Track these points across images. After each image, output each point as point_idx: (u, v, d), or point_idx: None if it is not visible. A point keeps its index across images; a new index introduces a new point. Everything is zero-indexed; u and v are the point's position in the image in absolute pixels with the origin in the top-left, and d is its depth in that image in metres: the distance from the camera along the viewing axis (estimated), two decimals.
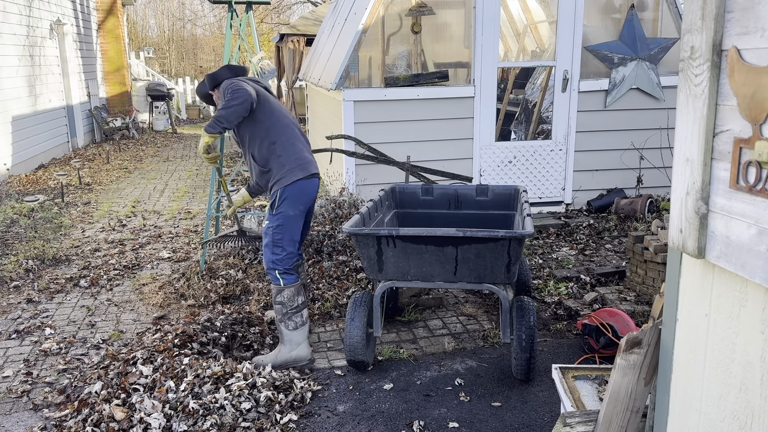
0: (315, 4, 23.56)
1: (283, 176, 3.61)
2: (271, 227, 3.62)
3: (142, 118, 16.22)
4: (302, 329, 3.68)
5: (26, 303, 4.78)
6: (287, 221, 3.61)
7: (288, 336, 3.65)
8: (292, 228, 3.63)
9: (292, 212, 3.62)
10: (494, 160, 6.52)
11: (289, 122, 3.75)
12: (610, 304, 4.39)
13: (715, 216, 1.55)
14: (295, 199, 3.61)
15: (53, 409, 3.32)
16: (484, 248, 3.25)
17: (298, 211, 3.64)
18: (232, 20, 4.91)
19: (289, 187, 3.59)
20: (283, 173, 3.61)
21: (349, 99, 6.12)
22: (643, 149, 6.70)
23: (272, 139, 3.64)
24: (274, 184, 3.64)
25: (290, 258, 3.65)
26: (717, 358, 1.61)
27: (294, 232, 3.65)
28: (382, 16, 6.44)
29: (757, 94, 1.38)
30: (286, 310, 3.63)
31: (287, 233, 3.62)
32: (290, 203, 3.60)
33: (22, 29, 10.33)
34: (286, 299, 3.63)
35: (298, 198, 3.62)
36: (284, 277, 3.64)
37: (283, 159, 3.62)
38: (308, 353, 3.71)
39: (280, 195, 3.60)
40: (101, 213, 7.56)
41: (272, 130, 3.65)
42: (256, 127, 3.64)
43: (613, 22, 6.63)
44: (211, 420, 2.99)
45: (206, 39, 30.65)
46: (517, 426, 3.12)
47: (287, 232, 3.62)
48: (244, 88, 3.51)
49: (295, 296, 3.65)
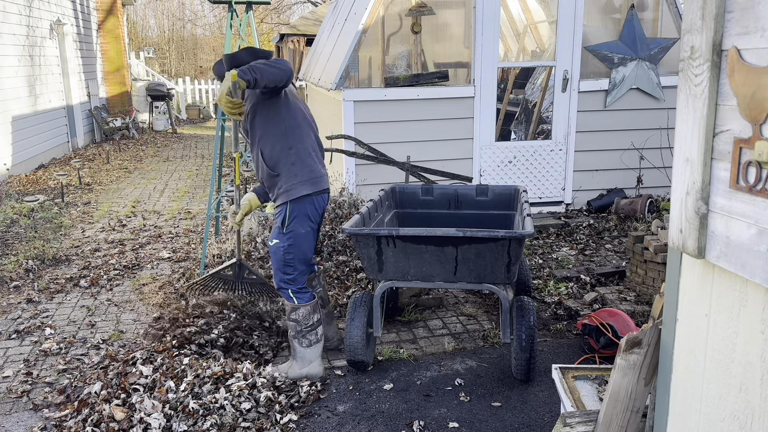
0: (315, 4, 23.56)
1: (291, 188, 3.37)
2: (281, 247, 3.40)
3: (142, 118, 16.22)
4: (316, 346, 3.51)
5: (26, 303, 4.78)
6: (298, 240, 3.40)
7: (301, 353, 3.49)
8: (303, 247, 3.43)
9: (303, 230, 3.40)
10: (494, 160, 6.52)
11: (309, 130, 3.48)
12: (610, 304, 4.39)
13: (715, 216, 1.55)
14: (305, 217, 3.40)
15: (53, 409, 3.32)
16: (484, 248, 3.25)
17: (309, 228, 3.43)
18: (232, 20, 4.91)
19: (299, 204, 3.37)
20: (292, 184, 3.37)
21: (349, 99, 6.12)
22: (643, 149, 6.70)
23: (289, 143, 3.36)
24: (281, 193, 3.41)
25: (302, 276, 3.47)
26: (717, 358, 1.61)
27: (305, 251, 3.45)
28: (382, 16, 6.44)
29: (757, 94, 1.38)
30: (300, 328, 3.46)
31: (299, 252, 3.41)
32: (300, 221, 3.39)
33: (22, 29, 10.33)
34: (300, 317, 3.46)
35: (308, 215, 3.41)
36: (298, 296, 3.46)
37: (295, 169, 3.37)
38: (320, 371, 3.53)
39: (289, 213, 3.37)
40: (101, 213, 7.56)
41: (291, 134, 3.37)
42: (274, 123, 3.35)
43: (613, 22, 6.63)
44: (211, 420, 2.99)
45: (206, 39, 30.66)
46: (517, 426, 3.12)
47: (299, 252, 3.41)
48: (288, 63, 3.22)
49: (311, 314, 3.47)
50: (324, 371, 3.59)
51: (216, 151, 5.02)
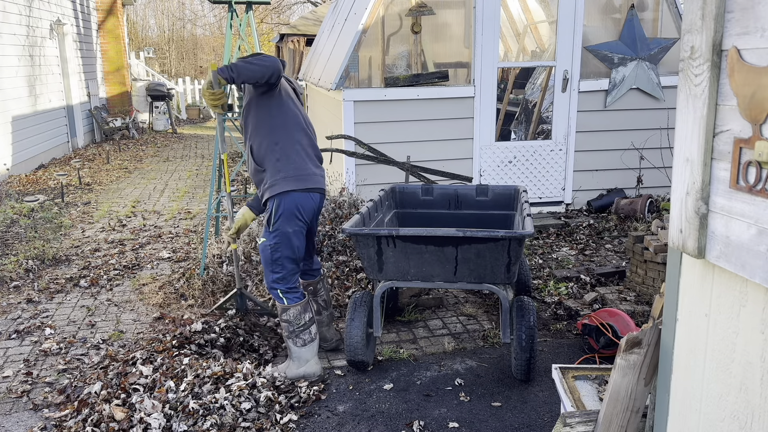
0: (315, 4, 23.56)
1: (275, 183, 3.35)
2: (268, 245, 3.38)
3: (142, 118, 16.22)
4: (311, 346, 3.49)
5: (26, 303, 4.78)
6: (285, 239, 3.37)
7: (297, 353, 3.48)
8: (290, 245, 3.39)
9: (290, 229, 3.37)
10: (494, 160, 6.52)
11: (300, 129, 3.45)
12: (610, 304, 4.39)
13: (715, 216, 1.55)
14: (292, 215, 3.36)
15: (53, 409, 3.32)
16: (484, 248, 3.25)
17: (297, 227, 3.39)
18: (232, 20, 4.91)
19: (283, 199, 3.34)
20: (275, 180, 3.35)
21: (349, 99, 6.12)
22: (643, 149, 6.70)
23: (276, 139, 3.37)
24: (266, 189, 3.40)
25: (292, 275, 3.44)
26: (717, 358, 1.61)
27: (293, 249, 3.40)
28: (382, 16, 6.45)
29: (757, 94, 1.38)
30: (293, 328, 3.45)
31: (286, 251, 3.39)
32: (286, 219, 3.35)
33: (22, 29, 10.33)
34: (292, 318, 3.44)
35: (295, 213, 3.37)
36: (288, 296, 3.43)
37: (280, 164, 3.36)
38: (318, 369, 3.52)
39: (275, 210, 3.36)
40: (101, 213, 7.56)
41: (279, 130, 3.38)
42: (263, 118, 3.37)
43: (613, 22, 6.63)
44: (211, 420, 2.99)
45: (206, 39, 30.66)
46: (517, 426, 3.12)
47: (286, 250, 3.39)
48: (275, 60, 3.24)
49: (302, 314, 3.45)
50: (322, 370, 3.59)
51: (216, 151, 5.02)
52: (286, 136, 3.40)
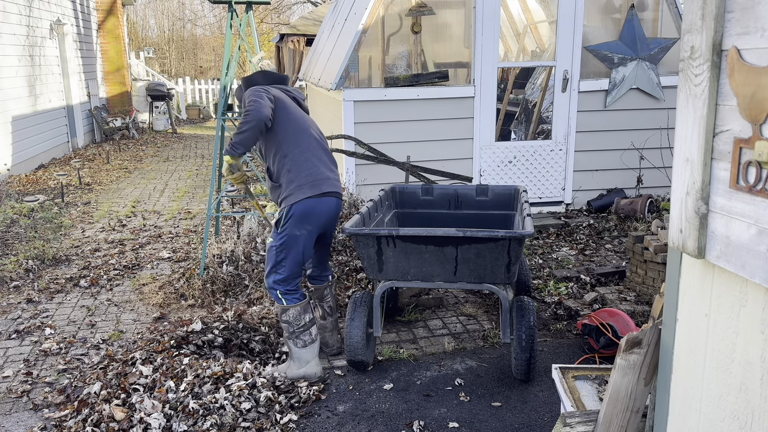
0: (315, 4, 23.56)
1: (290, 193, 3.40)
2: (274, 246, 3.42)
3: (142, 118, 16.22)
4: (311, 347, 3.49)
5: (26, 303, 4.78)
6: (291, 242, 3.39)
7: (297, 354, 3.48)
8: (296, 249, 3.41)
9: (298, 232, 3.39)
10: (494, 160, 6.52)
11: (307, 135, 3.52)
12: (610, 304, 4.39)
13: (715, 216, 1.55)
14: (302, 219, 3.39)
15: (53, 409, 3.32)
16: (484, 248, 3.25)
17: (305, 231, 3.41)
18: (232, 20, 4.91)
19: (296, 204, 3.38)
20: (291, 190, 3.40)
21: (349, 99, 6.12)
22: (643, 149, 6.70)
23: (284, 152, 3.44)
24: (282, 200, 3.45)
25: (293, 278, 3.46)
26: (717, 358, 1.61)
27: (298, 253, 3.42)
28: (382, 16, 6.45)
29: (757, 94, 1.38)
30: (293, 329, 3.46)
31: (291, 254, 3.40)
32: (296, 222, 3.38)
33: (22, 29, 10.33)
34: (292, 318, 3.45)
35: (306, 217, 3.39)
36: (287, 297, 3.45)
37: (292, 174, 3.41)
38: (318, 370, 3.51)
39: (286, 213, 3.40)
40: (101, 213, 7.56)
41: (285, 144, 3.44)
42: (270, 139, 3.46)
43: (613, 22, 6.63)
44: (211, 420, 2.99)
45: (206, 39, 30.65)
46: (517, 426, 3.12)
47: (291, 253, 3.40)
48: (256, 108, 3.31)
49: (302, 315, 3.46)
50: (322, 371, 3.59)
51: (216, 151, 5.03)
52: (294, 146, 3.46)
